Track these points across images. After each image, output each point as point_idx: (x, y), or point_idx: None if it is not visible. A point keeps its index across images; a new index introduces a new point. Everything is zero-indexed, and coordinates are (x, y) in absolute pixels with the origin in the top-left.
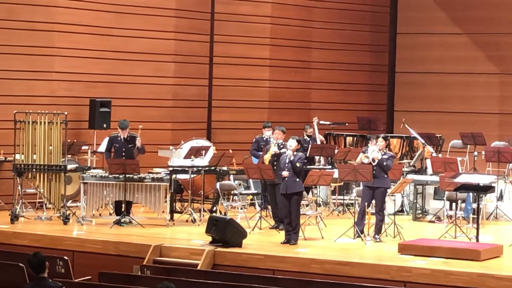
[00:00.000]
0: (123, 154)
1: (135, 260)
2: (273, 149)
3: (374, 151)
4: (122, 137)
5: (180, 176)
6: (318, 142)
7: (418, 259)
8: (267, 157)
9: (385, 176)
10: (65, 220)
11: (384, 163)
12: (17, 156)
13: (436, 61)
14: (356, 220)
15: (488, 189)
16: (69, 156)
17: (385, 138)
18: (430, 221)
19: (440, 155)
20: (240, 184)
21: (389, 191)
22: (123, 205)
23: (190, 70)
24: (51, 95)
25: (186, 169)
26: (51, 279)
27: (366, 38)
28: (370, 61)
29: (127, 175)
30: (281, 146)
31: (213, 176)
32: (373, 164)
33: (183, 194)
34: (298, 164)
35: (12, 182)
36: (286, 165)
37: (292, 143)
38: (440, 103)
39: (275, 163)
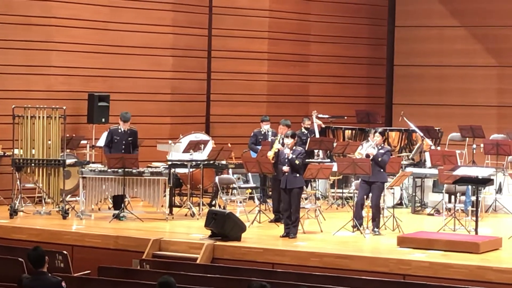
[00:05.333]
0: (123, 147)
1: (134, 254)
2: (277, 146)
3: (370, 147)
4: (122, 129)
5: (179, 170)
6: (317, 135)
7: (417, 252)
8: (270, 154)
9: (381, 170)
10: (64, 214)
11: (379, 159)
12: (16, 151)
13: (435, 54)
14: (354, 213)
15: (487, 181)
16: (68, 150)
17: (381, 133)
18: (429, 214)
19: (439, 148)
20: (239, 178)
21: (386, 185)
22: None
23: (188, 64)
24: (49, 89)
25: (185, 163)
26: (50, 273)
27: (364, 32)
28: (369, 55)
29: (126, 169)
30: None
31: (212, 170)
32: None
33: (182, 188)
34: (297, 162)
35: (11, 177)
36: (286, 160)
37: (288, 140)
38: (438, 96)
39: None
